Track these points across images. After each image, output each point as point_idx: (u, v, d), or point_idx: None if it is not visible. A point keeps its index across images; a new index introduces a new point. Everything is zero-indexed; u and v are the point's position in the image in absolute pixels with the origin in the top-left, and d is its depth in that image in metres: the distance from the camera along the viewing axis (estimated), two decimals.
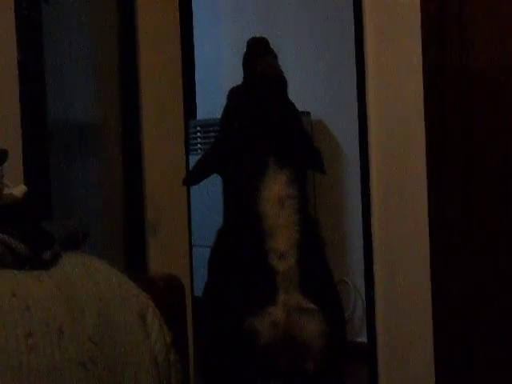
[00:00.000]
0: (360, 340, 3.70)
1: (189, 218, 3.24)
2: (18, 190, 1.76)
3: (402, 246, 3.14)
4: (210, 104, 4.85)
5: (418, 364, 3.11)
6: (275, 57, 2.13)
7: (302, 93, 4.41)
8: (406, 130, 3.11)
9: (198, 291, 3.07)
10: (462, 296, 2.99)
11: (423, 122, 3.02)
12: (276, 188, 1.99)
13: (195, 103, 4.95)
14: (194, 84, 4.92)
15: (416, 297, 3.09)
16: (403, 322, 3.15)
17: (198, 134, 4.83)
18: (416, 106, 3.04)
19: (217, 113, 4.64)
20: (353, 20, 3.30)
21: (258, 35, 2.17)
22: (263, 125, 2.04)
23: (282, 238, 1.98)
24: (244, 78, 2.15)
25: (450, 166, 3.01)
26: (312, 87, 4.46)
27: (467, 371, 3.00)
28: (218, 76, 4.94)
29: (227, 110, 2.18)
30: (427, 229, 3.03)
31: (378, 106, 3.19)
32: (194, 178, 2.21)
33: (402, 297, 3.14)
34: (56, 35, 2.74)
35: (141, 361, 1.59)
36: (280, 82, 2.10)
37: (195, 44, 4.79)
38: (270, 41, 2.15)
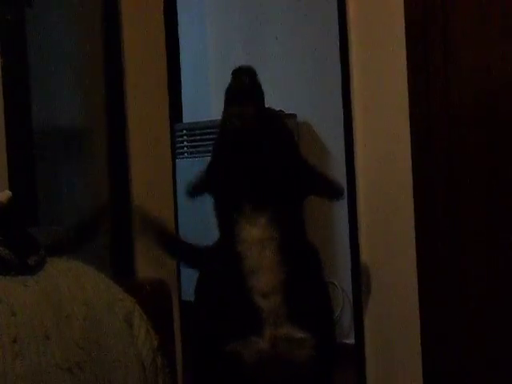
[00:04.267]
0: (348, 342, 3.71)
1: (176, 222, 3.23)
2: (3, 195, 1.75)
3: (388, 248, 3.14)
4: (196, 107, 4.85)
5: (405, 365, 3.12)
6: (257, 97, 2.00)
7: (288, 95, 4.42)
8: (392, 131, 3.12)
9: (186, 295, 3.07)
10: (450, 298, 3.00)
11: (408, 123, 3.04)
12: (254, 231, 1.94)
13: (181, 107, 4.94)
14: (180, 87, 4.91)
15: (403, 298, 3.10)
16: (391, 324, 3.15)
17: (185, 137, 4.82)
18: (401, 107, 3.05)
19: (203, 116, 4.65)
20: (337, 23, 3.31)
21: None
22: (238, 174, 1.98)
23: (265, 279, 1.93)
24: (222, 116, 2.06)
25: (435, 163, 3.02)
26: (298, 89, 4.46)
27: (455, 372, 3.01)
28: (204, 79, 4.94)
29: (216, 141, 2.12)
30: (414, 230, 3.04)
31: (364, 107, 3.20)
32: (194, 192, 2.17)
33: (389, 298, 3.15)
34: (40, 40, 2.73)
35: (128, 365, 1.59)
36: (251, 134, 1.99)
37: (181, 47, 4.79)
38: (255, 43, 2.09)
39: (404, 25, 3.03)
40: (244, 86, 1.97)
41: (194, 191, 2.14)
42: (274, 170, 1.99)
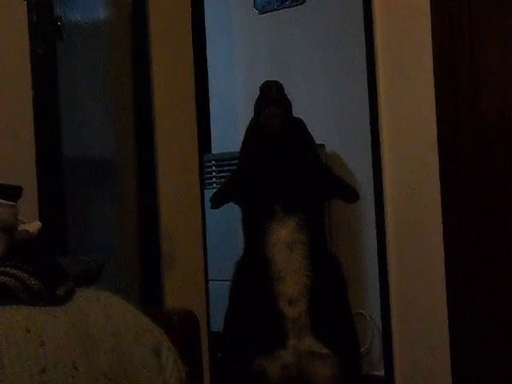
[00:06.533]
0: (378, 373, 3.67)
1: (205, 252, 3.24)
2: (33, 226, 1.76)
3: (417, 278, 3.12)
4: (225, 138, 4.86)
5: None
6: (285, 104, 2.06)
7: (316, 125, 4.41)
8: (420, 161, 3.11)
9: (215, 325, 3.06)
10: (480, 326, 2.97)
11: (437, 152, 3.03)
12: (283, 233, 1.97)
13: (210, 137, 4.97)
14: (209, 118, 4.93)
15: (433, 329, 3.07)
16: (421, 355, 3.12)
17: (213, 167, 4.83)
18: (429, 136, 3.04)
19: (231, 147, 4.67)
20: (365, 53, 3.32)
21: (271, 76, 2.15)
22: (269, 175, 2.02)
23: (291, 284, 1.95)
24: (252, 125, 2.12)
25: (464, 190, 3.00)
26: (325, 120, 4.46)
27: None
28: (233, 110, 4.96)
29: (242, 148, 2.17)
30: (443, 259, 3.02)
31: (391, 137, 3.20)
32: (217, 201, 2.20)
33: (419, 329, 3.12)
34: (70, 72, 2.76)
35: None
36: (283, 135, 2.04)
37: (210, 78, 4.82)
38: (283, 74, 2.13)
39: (432, 53, 3.04)
40: (273, 94, 2.04)
41: (218, 200, 2.16)
42: (302, 172, 2.03)
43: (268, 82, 2.07)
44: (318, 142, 2.33)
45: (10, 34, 2.46)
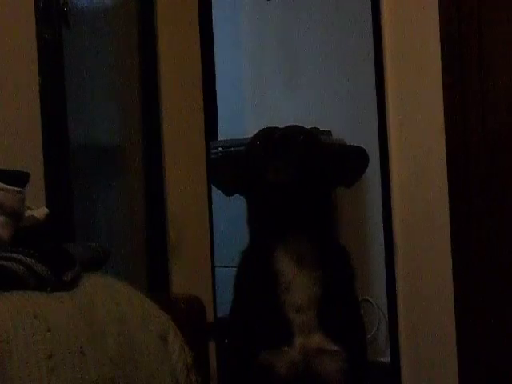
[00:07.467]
0: (383, 360, 3.68)
1: (211, 238, 3.24)
2: (40, 212, 1.77)
3: (424, 265, 3.12)
4: (232, 125, 4.86)
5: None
6: (293, 151, 1.89)
7: (323, 112, 4.42)
8: (427, 146, 3.10)
9: (221, 311, 3.07)
10: (487, 313, 2.97)
11: (444, 138, 3.02)
12: (293, 248, 1.94)
13: (216, 124, 4.96)
14: (216, 105, 4.92)
15: (439, 316, 3.07)
16: (427, 342, 3.12)
17: (220, 154, 4.83)
18: (436, 123, 3.04)
19: (238, 133, 4.68)
20: (372, 41, 3.31)
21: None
22: (280, 209, 1.95)
23: (299, 293, 1.92)
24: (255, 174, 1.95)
25: (471, 179, 3.00)
26: (332, 106, 4.46)
27: None
28: (240, 97, 4.96)
29: (247, 154, 2.06)
30: (450, 246, 3.02)
31: (399, 124, 3.19)
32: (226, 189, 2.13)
33: (425, 316, 3.12)
34: (77, 59, 2.76)
35: (162, 382, 1.59)
36: (294, 186, 1.87)
37: (217, 65, 4.81)
38: (290, 61, 2.07)
39: (439, 41, 3.03)
40: (278, 145, 1.90)
41: (226, 186, 2.08)
42: (309, 193, 1.96)
43: (265, 133, 1.94)
44: (324, 128, 2.33)
45: (16, 20, 2.46)
